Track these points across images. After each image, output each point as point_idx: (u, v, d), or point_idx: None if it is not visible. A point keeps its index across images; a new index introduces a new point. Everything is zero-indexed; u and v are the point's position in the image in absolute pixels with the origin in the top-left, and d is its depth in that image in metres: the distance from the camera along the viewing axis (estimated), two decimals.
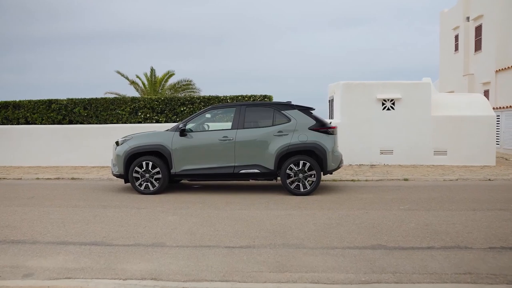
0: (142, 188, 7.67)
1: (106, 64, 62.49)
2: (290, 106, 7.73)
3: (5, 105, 13.55)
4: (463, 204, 6.54)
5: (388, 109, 11.51)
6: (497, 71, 18.72)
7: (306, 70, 67.84)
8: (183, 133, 7.64)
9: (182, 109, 12.99)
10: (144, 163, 7.63)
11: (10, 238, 4.86)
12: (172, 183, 8.51)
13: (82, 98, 13.32)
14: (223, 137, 7.55)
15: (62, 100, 13.35)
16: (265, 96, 12.81)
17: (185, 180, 8.40)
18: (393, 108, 11.49)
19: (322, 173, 7.56)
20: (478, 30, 20.77)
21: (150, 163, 7.61)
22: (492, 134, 11.38)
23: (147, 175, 7.63)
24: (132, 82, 20.42)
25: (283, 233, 4.97)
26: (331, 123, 7.91)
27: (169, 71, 20.77)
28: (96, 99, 13.27)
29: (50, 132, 12.34)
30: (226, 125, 8.00)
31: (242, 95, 12.84)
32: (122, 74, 20.08)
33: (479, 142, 11.27)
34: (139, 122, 13.03)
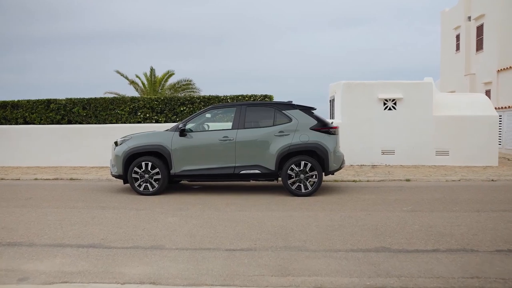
0: (141, 189, 7.58)
1: (106, 64, 62.44)
2: (291, 106, 7.64)
3: (3, 105, 13.46)
4: (467, 205, 6.45)
5: (389, 109, 11.42)
6: (499, 71, 18.63)
7: (306, 70, 67.78)
8: (183, 133, 7.54)
9: (182, 109, 12.89)
10: (143, 164, 7.53)
11: (6, 240, 4.77)
12: (171, 184, 8.41)
13: (81, 98, 13.23)
14: (224, 137, 7.46)
15: (61, 100, 13.26)
16: (265, 95, 12.72)
17: (185, 180, 8.30)
18: (394, 108, 11.39)
19: (324, 173, 7.46)
20: (480, 29, 20.68)
21: (150, 164, 7.52)
22: (494, 134, 11.28)
23: (147, 176, 7.54)
24: (131, 82, 20.33)
25: (285, 235, 4.88)
26: (333, 123, 7.82)
27: (168, 71, 20.69)
28: (95, 99, 13.18)
29: (49, 132, 12.24)
30: (227, 125, 7.91)
31: (242, 95, 12.75)
32: (121, 74, 20.00)
33: (481, 142, 11.18)
34: (139, 122, 12.93)
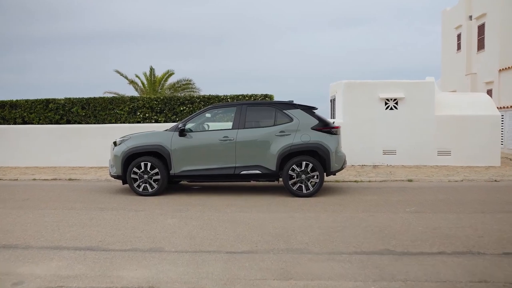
0: (141, 189, 7.47)
1: (106, 64, 62.36)
2: (292, 105, 7.53)
3: (1, 104, 13.35)
4: (471, 206, 6.35)
5: (391, 108, 11.31)
6: (500, 70, 18.53)
7: (306, 70, 67.72)
8: (183, 133, 7.44)
9: (182, 108, 12.79)
10: (142, 164, 7.43)
11: (1, 243, 4.66)
12: (171, 184, 8.31)
13: (80, 97, 13.12)
14: (224, 137, 7.36)
15: (59, 99, 13.15)
16: (266, 95, 12.62)
17: (184, 181, 8.19)
18: (396, 107, 11.29)
19: (325, 174, 7.36)
20: (481, 29, 20.57)
21: (149, 164, 7.41)
22: (496, 134, 11.18)
23: (146, 176, 7.44)
24: (131, 82, 20.23)
25: (287, 237, 4.78)
26: (334, 123, 7.73)
27: (168, 71, 20.58)
28: (94, 99, 13.07)
29: (47, 132, 12.13)
30: (227, 125, 7.81)
31: (242, 95, 12.65)
32: (121, 74, 19.90)
33: (484, 142, 11.07)
34: (138, 122, 12.83)
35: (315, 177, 7.20)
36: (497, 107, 12.19)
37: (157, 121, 12.83)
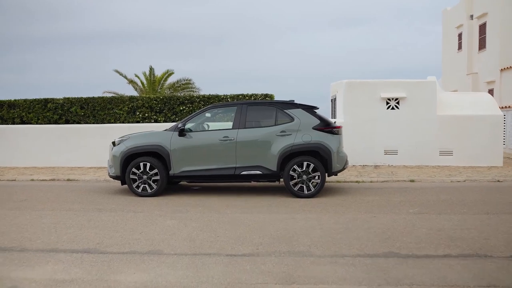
0: (140, 190, 7.37)
1: (106, 64, 62.29)
2: (293, 105, 7.43)
3: (0, 104, 13.25)
4: (475, 207, 6.25)
5: (392, 108, 11.21)
6: (502, 70, 18.43)
7: (306, 70, 67.66)
8: (182, 133, 7.34)
9: (181, 108, 12.69)
10: (141, 164, 7.33)
11: None
12: (170, 185, 8.21)
13: (79, 97, 13.03)
14: (224, 137, 7.26)
15: (58, 99, 13.05)
16: (266, 95, 12.52)
17: (184, 181, 8.09)
18: (397, 107, 11.19)
19: (327, 174, 7.27)
20: (482, 28, 20.48)
21: (148, 164, 7.31)
22: (499, 134, 11.08)
23: (145, 177, 7.33)
24: (130, 81, 20.14)
25: (288, 239, 4.68)
26: (336, 123, 7.62)
27: (168, 70, 20.49)
28: (93, 98, 12.97)
29: (46, 132, 12.02)
30: (227, 124, 7.71)
31: (243, 94, 12.55)
32: (120, 73, 19.81)
33: (486, 142, 10.97)
34: (137, 121, 12.73)
35: (317, 177, 7.10)
36: (498, 107, 12.09)
37: (156, 121, 12.73)
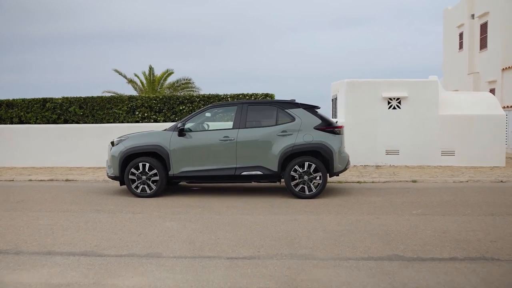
0: (139, 190, 7.27)
1: (106, 64, 62.21)
2: (294, 104, 7.33)
3: None
4: (479, 208, 6.15)
5: (394, 108, 11.11)
6: (503, 69, 18.32)
7: (306, 70, 67.56)
8: (182, 133, 7.24)
9: (181, 108, 12.58)
10: (140, 165, 7.22)
11: None
12: (170, 186, 8.11)
13: (78, 96, 12.91)
14: (224, 137, 7.16)
15: (57, 99, 12.93)
16: (266, 94, 12.41)
17: (183, 182, 7.99)
18: (399, 107, 11.09)
19: (328, 175, 7.16)
20: (484, 27, 20.37)
21: (147, 165, 7.21)
22: (501, 134, 10.98)
23: (144, 177, 7.23)
24: (130, 81, 20.04)
25: (290, 241, 4.58)
26: (337, 122, 7.52)
27: (167, 70, 20.40)
28: (92, 98, 12.86)
29: (44, 131, 11.92)
30: (227, 124, 7.61)
31: (243, 94, 12.44)
32: (120, 73, 19.71)
33: (488, 142, 10.88)
34: (137, 121, 12.62)
35: (318, 178, 7.00)
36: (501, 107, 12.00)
37: (156, 120, 12.62)
